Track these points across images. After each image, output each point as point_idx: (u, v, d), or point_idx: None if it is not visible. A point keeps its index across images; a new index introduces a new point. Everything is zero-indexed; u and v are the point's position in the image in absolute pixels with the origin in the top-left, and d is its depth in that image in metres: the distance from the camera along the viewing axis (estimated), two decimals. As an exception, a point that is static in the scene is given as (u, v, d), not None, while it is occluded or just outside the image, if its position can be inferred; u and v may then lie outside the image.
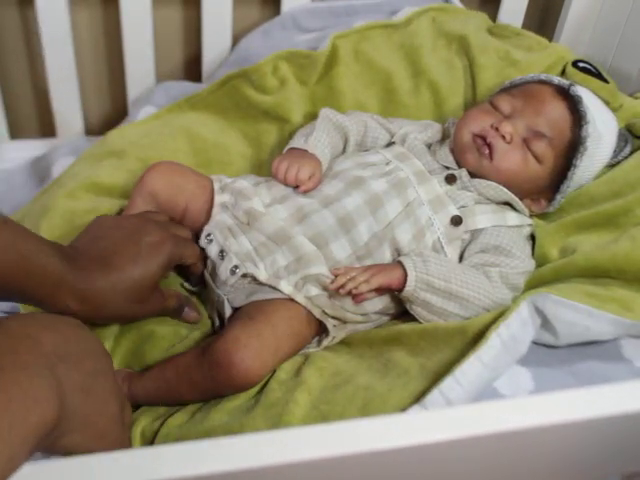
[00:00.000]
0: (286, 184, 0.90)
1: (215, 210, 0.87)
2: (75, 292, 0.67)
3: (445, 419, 0.52)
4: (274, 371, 0.77)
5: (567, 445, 0.57)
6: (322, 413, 0.70)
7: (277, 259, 0.82)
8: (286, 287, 0.80)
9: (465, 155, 0.92)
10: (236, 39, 1.24)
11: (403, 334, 0.79)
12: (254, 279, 0.81)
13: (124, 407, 0.63)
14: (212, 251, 0.84)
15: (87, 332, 0.60)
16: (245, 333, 0.74)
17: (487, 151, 0.90)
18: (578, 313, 0.76)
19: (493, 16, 1.28)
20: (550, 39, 1.24)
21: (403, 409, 0.69)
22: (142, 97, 1.20)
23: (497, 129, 0.90)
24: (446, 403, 0.69)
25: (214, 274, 0.84)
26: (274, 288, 0.80)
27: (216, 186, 0.89)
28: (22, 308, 0.81)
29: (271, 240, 0.83)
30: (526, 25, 1.31)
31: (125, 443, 0.62)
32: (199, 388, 0.75)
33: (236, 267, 0.81)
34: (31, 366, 0.51)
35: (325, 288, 0.80)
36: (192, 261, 0.81)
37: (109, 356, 0.62)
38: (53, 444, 0.53)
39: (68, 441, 0.54)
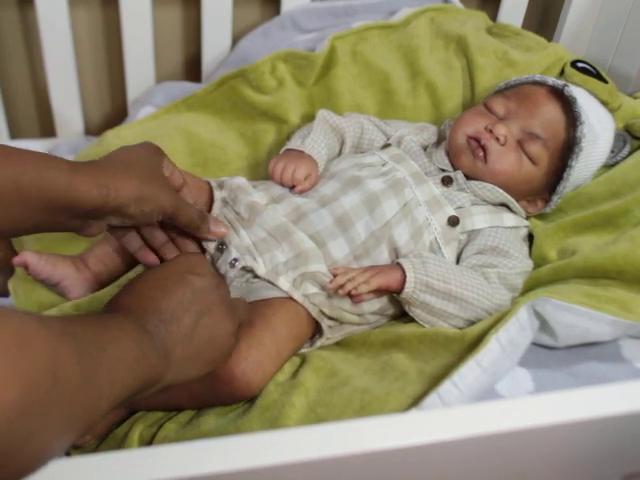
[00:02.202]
0: (282, 184, 0.90)
1: (216, 205, 0.87)
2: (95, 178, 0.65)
3: (445, 420, 0.52)
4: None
5: (567, 446, 0.57)
6: (319, 416, 0.70)
7: (276, 255, 0.81)
8: (284, 283, 0.80)
9: (460, 157, 0.92)
10: (236, 39, 1.24)
11: (403, 338, 0.79)
12: (253, 275, 0.81)
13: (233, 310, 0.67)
14: (210, 244, 0.83)
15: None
16: (245, 343, 0.72)
17: (481, 153, 0.90)
18: (578, 316, 0.75)
19: (493, 16, 1.28)
20: (550, 39, 1.24)
21: (401, 413, 0.69)
22: (142, 97, 1.20)
23: (491, 131, 0.90)
24: (444, 407, 0.69)
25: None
26: (272, 284, 0.80)
27: (213, 184, 0.89)
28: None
29: (271, 236, 0.83)
30: (526, 25, 1.31)
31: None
32: (199, 399, 0.74)
33: (235, 260, 0.81)
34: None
35: (323, 287, 0.80)
36: (171, 210, 0.73)
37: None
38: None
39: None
